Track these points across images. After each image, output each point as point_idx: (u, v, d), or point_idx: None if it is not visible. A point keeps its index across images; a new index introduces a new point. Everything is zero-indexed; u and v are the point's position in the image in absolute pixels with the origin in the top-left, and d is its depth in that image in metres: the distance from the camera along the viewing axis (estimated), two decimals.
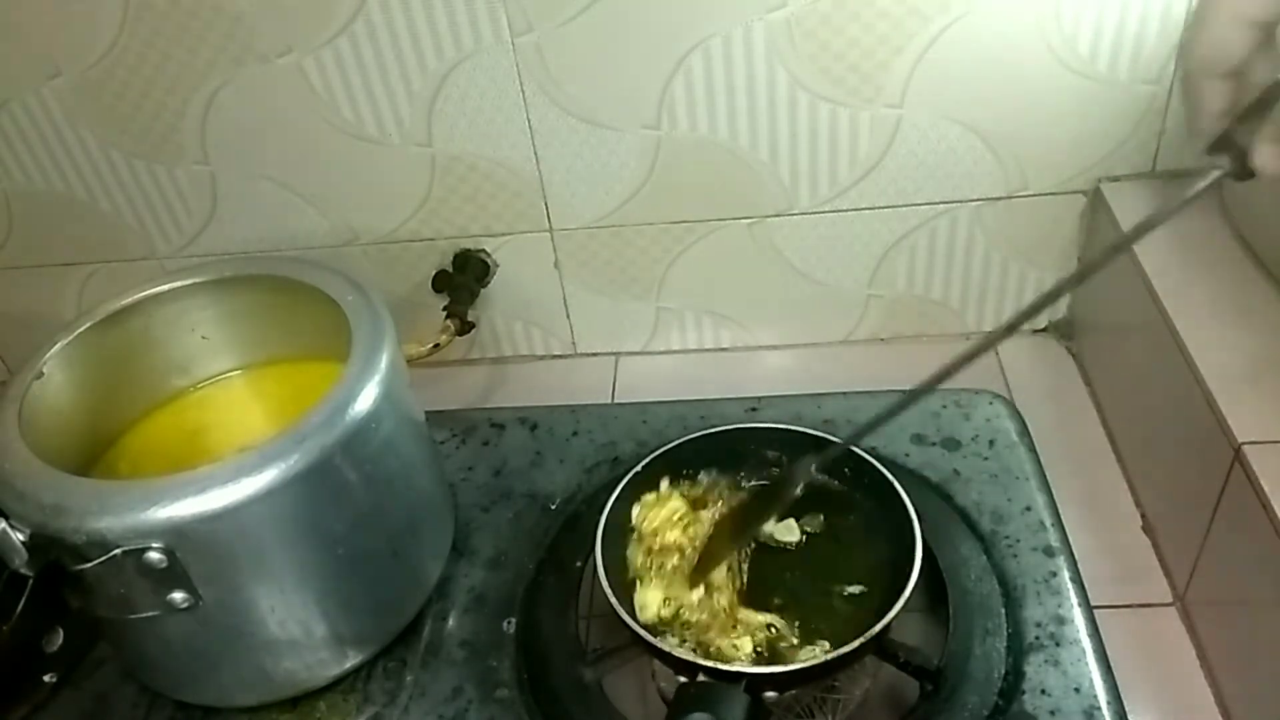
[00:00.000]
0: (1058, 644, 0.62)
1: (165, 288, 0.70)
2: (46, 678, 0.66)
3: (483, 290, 0.93)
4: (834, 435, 0.70)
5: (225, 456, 0.56)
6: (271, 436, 0.56)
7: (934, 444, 0.75)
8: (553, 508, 0.75)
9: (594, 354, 0.99)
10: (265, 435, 0.56)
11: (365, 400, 0.59)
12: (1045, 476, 0.73)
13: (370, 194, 0.89)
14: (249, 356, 0.75)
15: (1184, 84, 0.43)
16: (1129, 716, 0.59)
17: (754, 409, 0.79)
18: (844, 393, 0.80)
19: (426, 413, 0.70)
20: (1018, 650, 0.62)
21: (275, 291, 0.70)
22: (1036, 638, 0.62)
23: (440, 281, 0.93)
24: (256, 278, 0.72)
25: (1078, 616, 0.63)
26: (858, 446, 0.67)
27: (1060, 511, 0.70)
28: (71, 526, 0.53)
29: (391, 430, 0.62)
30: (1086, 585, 0.65)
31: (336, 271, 0.69)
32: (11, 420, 0.59)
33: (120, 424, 0.71)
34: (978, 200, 0.86)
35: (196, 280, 0.71)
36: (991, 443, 0.75)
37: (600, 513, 0.64)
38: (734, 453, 0.71)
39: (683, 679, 0.58)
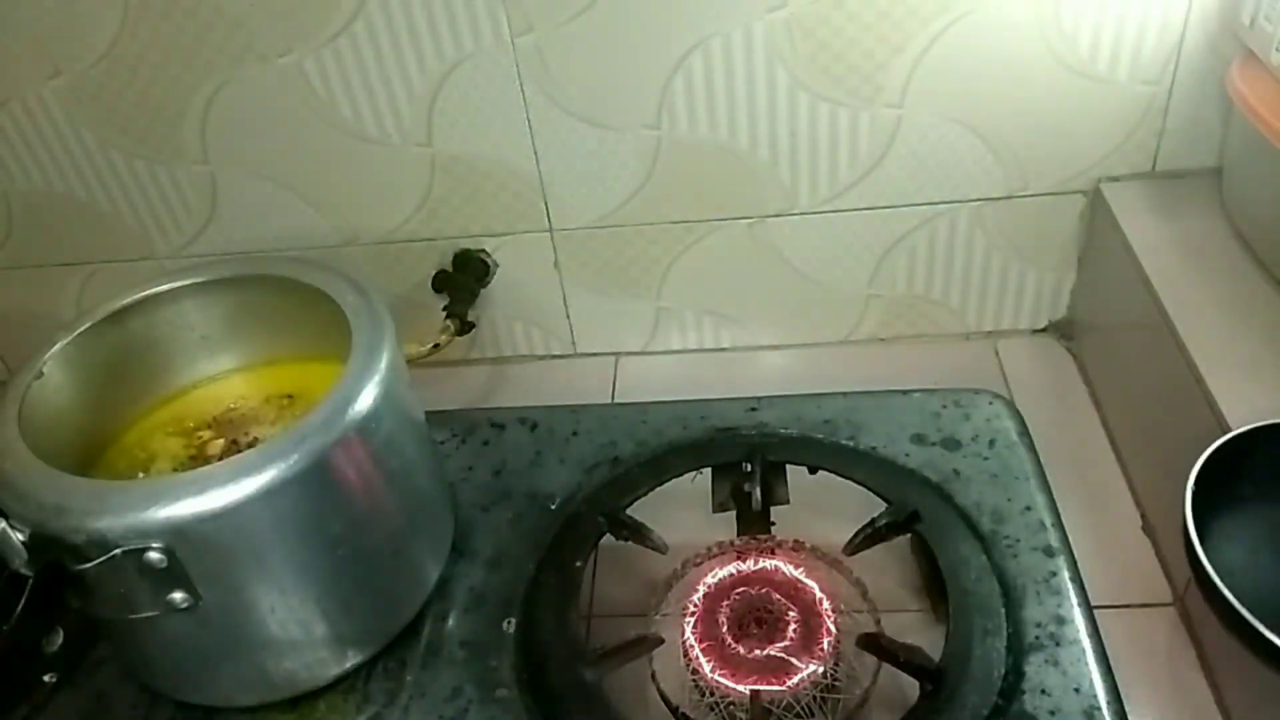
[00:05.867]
0: (1058, 644, 0.62)
1: (165, 288, 0.70)
2: (46, 678, 0.66)
3: (483, 290, 0.93)
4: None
5: (225, 456, 0.56)
6: (271, 436, 0.56)
7: (934, 444, 0.75)
8: (553, 508, 0.75)
9: (594, 354, 0.99)
10: (266, 435, 0.56)
11: (365, 400, 0.59)
12: (1045, 476, 0.73)
13: (370, 194, 0.89)
14: (249, 356, 0.75)
15: None
16: (1129, 716, 0.58)
17: (754, 409, 0.79)
18: (844, 393, 0.80)
19: (426, 413, 0.70)
20: (1018, 650, 0.62)
21: (275, 291, 0.70)
22: (1036, 638, 0.62)
23: (440, 281, 0.93)
24: (256, 278, 0.71)
25: (1078, 616, 0.63)
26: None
27: (1060, 511, 0.70)
28: (71, 526, 0.53)
29: (391, 430, 0.62)
30: (1086, 585, 0.65)
31: (336, 271, 0.69)
32: (11, 420, 0.59)
33: (120, 424, 0.71)
34: (978, 200, 0.86)
35: (196, 280, 0.71)
36: (991, 443, 0.75)
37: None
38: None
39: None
